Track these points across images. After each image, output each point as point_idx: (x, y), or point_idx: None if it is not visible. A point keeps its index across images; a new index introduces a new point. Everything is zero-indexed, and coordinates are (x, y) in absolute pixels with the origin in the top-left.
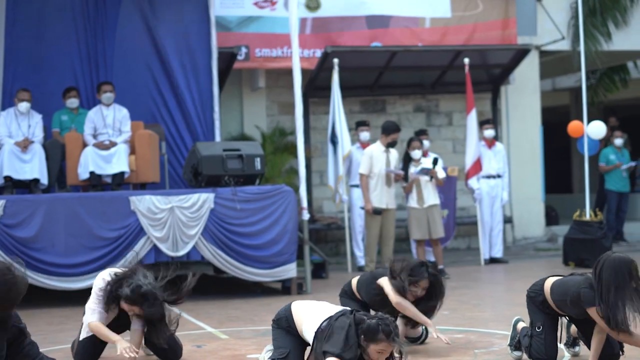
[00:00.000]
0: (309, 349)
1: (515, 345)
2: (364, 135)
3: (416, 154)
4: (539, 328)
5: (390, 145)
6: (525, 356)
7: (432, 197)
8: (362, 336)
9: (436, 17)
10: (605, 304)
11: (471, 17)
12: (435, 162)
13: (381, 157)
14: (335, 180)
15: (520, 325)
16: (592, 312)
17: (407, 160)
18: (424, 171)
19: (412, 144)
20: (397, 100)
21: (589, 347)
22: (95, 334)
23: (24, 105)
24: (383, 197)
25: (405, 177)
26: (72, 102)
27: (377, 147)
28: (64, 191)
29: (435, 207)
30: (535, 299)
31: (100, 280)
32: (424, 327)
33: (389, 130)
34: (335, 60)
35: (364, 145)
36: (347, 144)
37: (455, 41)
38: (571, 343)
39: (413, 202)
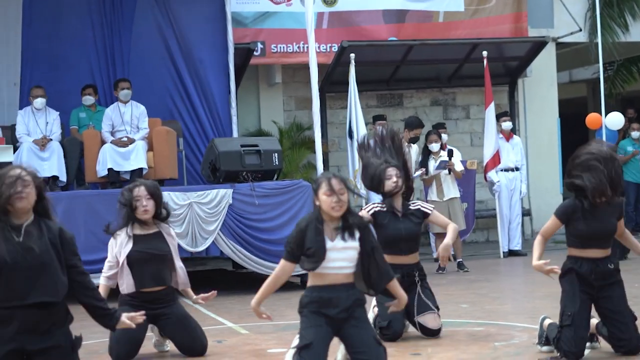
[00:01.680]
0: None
1: (543, 342)
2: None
3: (434, 146)
4: (568, 317)
5: (412, 140)
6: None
7: (452, 190)
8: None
9: (449, 11)
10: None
11: (484, 10)
12: (450, 153)
13: None
14: (353, 174)
15: (547, 322)
16: None
17: (426, 153)
18: (442, 165)
19: (429, 137)
20: (414, 94)
21: (606, 339)
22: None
23: (39, 101)
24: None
25: (425, 170)
26: (87, 99)
27: None
28: (82, 188)
29: (455, 200)
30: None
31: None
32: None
33: (413, 126)
34: (352, 55)
35: None
36: None
37: (467, 35)
38: (589, 338)
39: (433, 196)
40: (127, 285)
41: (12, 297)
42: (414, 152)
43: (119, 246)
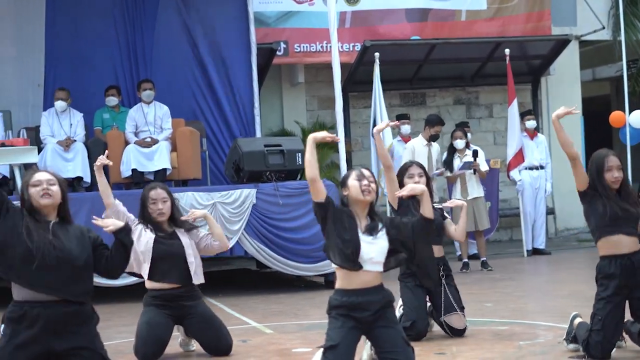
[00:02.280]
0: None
1: (571, 339)
2: (405, 128)
3: (459, 143)
4: (598, 321)
5: (432, 138)
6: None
7: (475, 189)
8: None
9: (472, 10)
10: None
11: (506, 9)
12: (475, 154)
13: (423, 151)
14: (378, 173)
15: (577, 321)
16: None
17: (451, 151)
18: (467, 165)
19: (455, 134)
20: (437, 93)
21: (634, 338)
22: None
23: (59, 104)
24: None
25: (450, 168)
26: (111, 100)
27: (419, 141)
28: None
29: (479, 199)
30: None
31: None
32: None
33: (433, 122)
34: (377, 54)
35: (405, 138)
36: (389, 137)
37: (490, 33)
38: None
39: (457, 195)
40: (143, 271)
41: (40, 292)
42: (434, 150)
43: (139, 232)
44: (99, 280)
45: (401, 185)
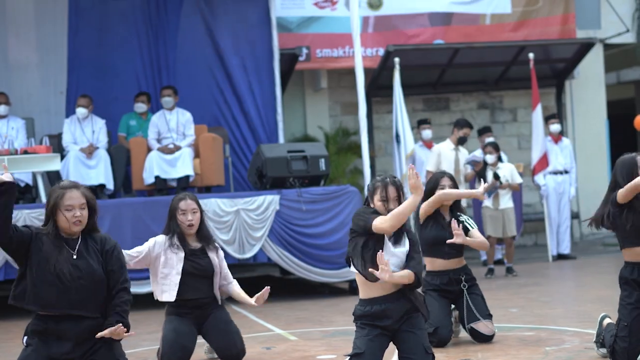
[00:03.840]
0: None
1: (601, 342)
2: (426, 133)
3: (490, 158)
4: (624, 327)
5: (460, 141)
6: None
7: (507, 200)
8: (368, 199)
9: (496, 14)
10: None
11: (531, 12)
12: (496, 177)
13: (450, 155)
14: (401, 179)
15: (606, 321)
16: None
17: (484, 164)
18: (492, 192)
19: (485, 149)
20: (461, 97)
21: None
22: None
23: (80, 111)
24: None
25: (481, 176)
26: (140, 106)
27: (447, 145)
28: (129, 196)
29: (510, 209)
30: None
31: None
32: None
33: (461, 125)
34: (397, 60)
35: (427, 143)
36: (410, 142)
37: (515, 37)
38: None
39: (489, 203)
40: (166, 295)
41: (63, 308)
42: (462, 155)
43: (165, 251)
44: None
45: (431, 193)
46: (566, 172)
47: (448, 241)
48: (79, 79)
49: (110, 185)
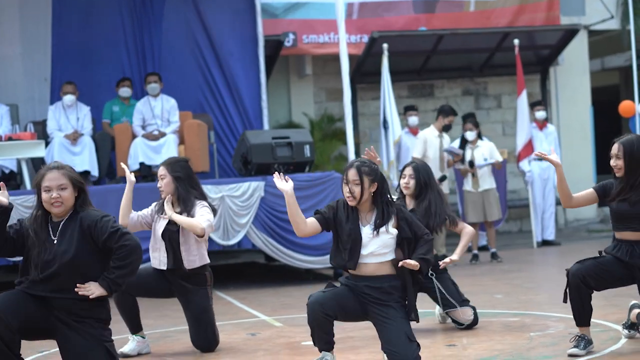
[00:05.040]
0: None
1: (629, 326)
2: (412, 120)
3: (469, 135)
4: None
5: (445, 129)
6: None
7: (487, 181)
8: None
9: (480, 0)
10: None
11: None
12: (471, 165)
13: (435, 141)
14: (388, 165)
15: (635, 312)
16: None
17: (463, 142)
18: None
19: (465, 125)
20: (445, 84)
21: None
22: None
23: (68, 98)
24: None
25: (463, 159)
26: (125, 91)
27: (431, 132)
28: (114, 183)
29: (490, 190)
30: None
31: None
32: (474, 311)
33: (447, 113)
34: (385, 45)
35: (413, 130)
36: (398, 129)
37: (499, 24)
38: (629, 326)
39: (468, 186)
40: (160, 261)
41: (46, 292)
42: (446, 142)
43: (152, 214)
44: None
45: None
46: None
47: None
48: (63, 66)
49: (95, 172)
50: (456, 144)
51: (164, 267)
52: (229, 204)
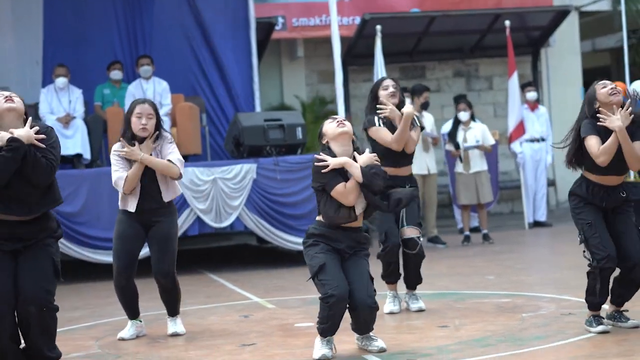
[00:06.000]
0: None
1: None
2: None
3: (463, 115)
4: (590, 227)
5: (423, 107)
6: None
7: (478, 163)
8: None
9: None
10: None
11: None
12: (457, 147)
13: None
14: None
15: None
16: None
17: (455, 123)
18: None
19: (458, 106)
20: (437, 65)
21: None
22: (128, 181)
23: (61, 81)
24: (423, 162)
25: (454, 140)
26: (116, 74)
27: None
28: (106, 165)
29: (482, 172)
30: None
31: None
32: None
33: (420, 91)
34: (378, 27)
35: None
36: None
37: (490, 5)
38: (613, 317)
39: (459, 168)
40: (129, 204)
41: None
42: (428, 121)
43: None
44: (100, 257)
45: (376, 97)
46: (542, 139)
47: None
48: (55, 49)
49: (87, 155)
50: (449, 125)
51: (133, 210)
52: (221, 187)
